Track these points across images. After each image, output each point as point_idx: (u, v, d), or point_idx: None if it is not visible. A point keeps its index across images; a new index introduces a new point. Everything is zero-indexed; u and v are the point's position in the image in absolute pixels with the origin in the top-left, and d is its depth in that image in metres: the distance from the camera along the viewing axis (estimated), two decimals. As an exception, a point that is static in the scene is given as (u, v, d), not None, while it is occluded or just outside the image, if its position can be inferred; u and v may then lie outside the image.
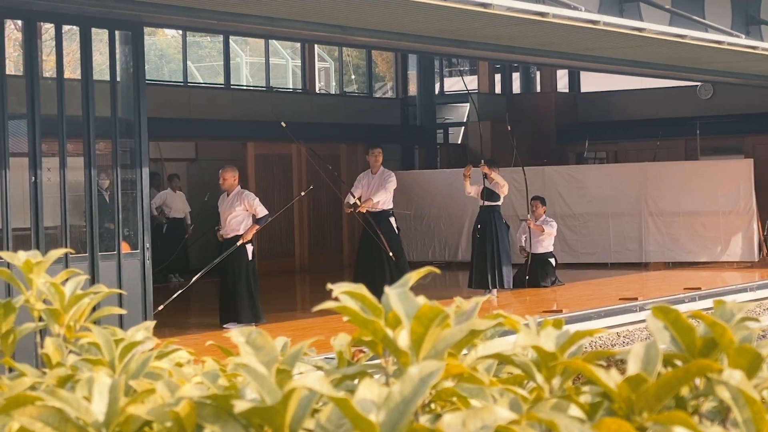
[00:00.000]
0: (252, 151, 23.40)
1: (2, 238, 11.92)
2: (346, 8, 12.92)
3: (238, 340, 1.64)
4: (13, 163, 12.03)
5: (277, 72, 30.96)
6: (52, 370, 2.12)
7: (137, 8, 12.30)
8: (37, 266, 2.36)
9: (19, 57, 25.43)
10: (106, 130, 12.91)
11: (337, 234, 25.01)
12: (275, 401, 1.45)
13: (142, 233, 13.03)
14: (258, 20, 13.30)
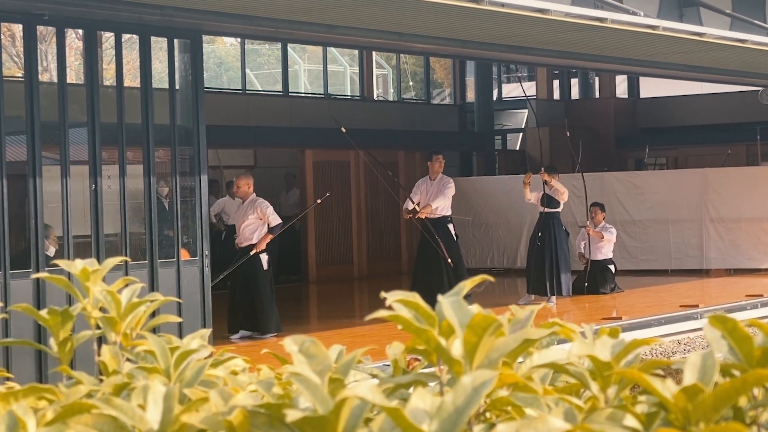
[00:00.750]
0: (310, 158, 23.45)
1: (63, 245, 12.02)
2: (403, 15, 12.92)
3: (291, 348, 1.64)
4: (74, 170, 12.13)
5: (335, 79, 31.03)
6: (108, 378, 2.13)
7: (197, 16, 12.38)
8: (94, 274, 2.37)
9: (80, 66, 25.68)
10: (165, 138, 12.99)
11: (396, 241, 25.01)
12: (327, 410, 1.44)
13: (201, 240, 13.09)
14: (316, 27, 13.34)
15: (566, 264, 17.97)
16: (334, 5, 12.22)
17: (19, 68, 27.21)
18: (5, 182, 11.47)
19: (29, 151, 11.71)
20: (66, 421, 1.67)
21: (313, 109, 25.42)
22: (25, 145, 12.03)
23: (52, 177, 12.00)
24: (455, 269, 16.36)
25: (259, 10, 12.57)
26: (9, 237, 11.59)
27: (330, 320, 16.68)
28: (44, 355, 11.39)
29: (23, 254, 12.22)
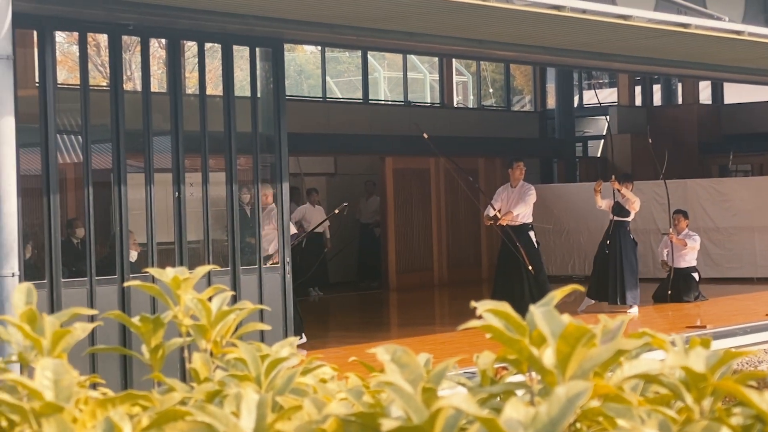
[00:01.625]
0: (390, 165, 23.48)
1: (146, 252, 12.15)
2: (484, 23, 12.91)
3: (383, 357, 1.65)
4: (157, 178, 12.26)
5: (415, 86, 31.06)
6: (199, 385, 2.15)
7: (278, 25, 12.46)
8: (185, 282, 2.40)
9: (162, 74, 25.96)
10: (247, 146, 13.08)
11: (476, 248, 24.96)
12: (422, 420, 1.45)
13: (283, 247, 13.16)
14: (397, 35, 13.37)
15: (632, 273, 17.82)
16: (415, 13, 12.23)
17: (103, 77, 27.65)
18: (91, 189, 11.63)
19: (114, 159, 11.85)
20: (161, 427, 1.69)
21: (393, 116, 25.46)
22: (109, 153, 12.18)
23: (136, 184, 12.14)
24: (536, 277, 16.29)
25: (340, 18, 12.63)
26: (94, 244, 11.74)
27: (410, 327, 16.68)
28: (129, 362, 11.52)
29: (107, 260, 12.37)
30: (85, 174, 11.62)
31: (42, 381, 1.73)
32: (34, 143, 11.55)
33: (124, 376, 11.46)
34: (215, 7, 11.79)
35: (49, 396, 1.71)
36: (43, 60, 11.29)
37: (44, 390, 1.72)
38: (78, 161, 15.54)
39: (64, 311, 2.12)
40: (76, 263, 12.64)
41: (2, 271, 9.97)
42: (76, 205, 16.04)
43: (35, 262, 12.21)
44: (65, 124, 12.95)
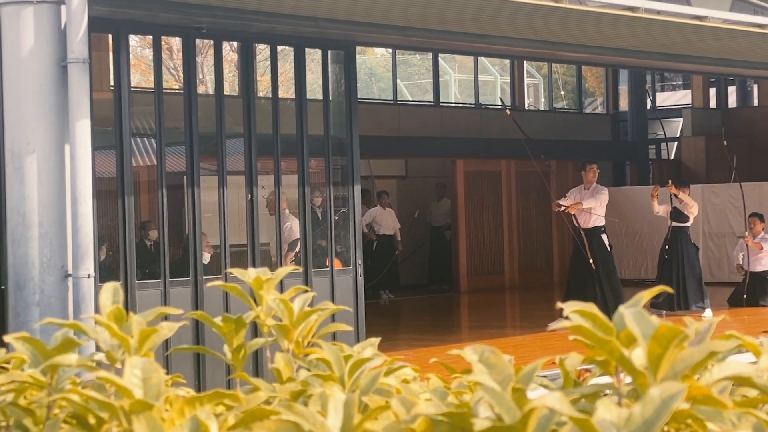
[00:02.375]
0: (461, 168, 23.45)
1: (219, 254, 12.23)
2: (558, 24, 12.85)
3: (471, 358, 1.64)
4: (230, 181, 12.34)
5: (486, 89, 31.00)
6: (283, 385, 2.16)
7: (350, 28, 12.49)
8: (267, 283, 2.40)
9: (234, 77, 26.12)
10: (319, 148, 13.11)
11: (547, 252, 24.84)
12: (514, 420, 1.44)
13: (354, 250, 13.18)
14: (469, 37, 13.34)
15: (695, 278, 17.63)
16: (487, 15, 12.21)
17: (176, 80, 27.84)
18: (165, 192, 11.72)
19: (188, 161, 11.94)
20: (248, 426, 1.69)
21: (463, 119, 25.43)
22: (181, 155, 12.28)
23: (208, 187, 12.22)
24: (609, 280, 16.19)
25: (412, 21, 12.63)
26: (168, 246, 11.84)
27: (481, 330, 16.64)
28: (203, 362, 11.60)
29: (180, 262, 12.47)
30: (159, 177, 11.72)
31: (131, 379, 1.74)
32: (108, 146, 11.67)
33: (197, 376, 11.55)
34: (288, 10, 11.85)
35: (139, 394, 1.72)
36: (118, 63, 11.41)
37: (134, 388, 1.73)
38: (151, 164, 15.68)
39: (150, 310, 2.14)
40: (149, 265, 12.76)
41: (78, 273, 10.08)
42: (150, 207, 16.18)
43: (110, 264, 12.34)
44: (138, 126, 13.06)
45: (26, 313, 10.13)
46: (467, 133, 24.33)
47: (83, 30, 10.03)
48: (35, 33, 10.12)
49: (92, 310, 10.16)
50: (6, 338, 2.08)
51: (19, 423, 1.97)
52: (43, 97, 10.16)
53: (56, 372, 2.01)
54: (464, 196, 23.34)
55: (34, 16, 10.11)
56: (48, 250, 10.15)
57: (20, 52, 10.13)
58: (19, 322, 10.13)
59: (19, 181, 10.13)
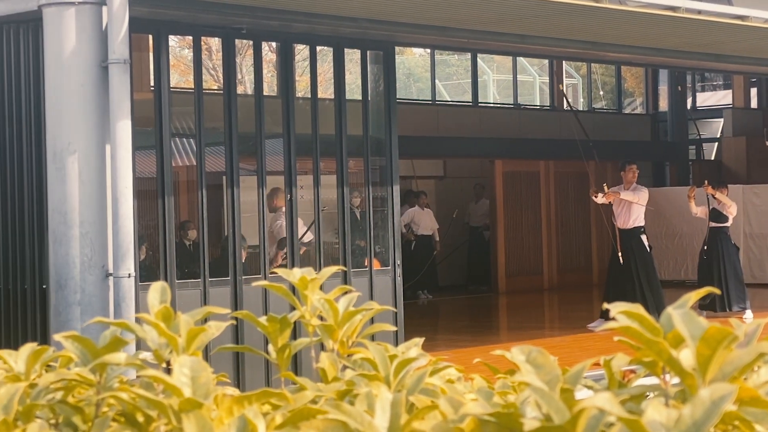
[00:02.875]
0: (500, 168, 23.41)
1: (258, 254, 12.26)
2: (599, 24, 12.81)
3: (518, 358, 1.64)
4: (270, 181, 12.37)
5: (524, 89, 30.94)
6: (328, 385, 2.16)
7: (390, 28, 12.50)
8: (312, 283, 2.41)
9: (272, 77, 26.17)
10: (358, 149, 13.12)
11: (586, 252, 24.76)
12: (563, 420, 1.44)
13: (393, 250, 13.18)
14: (509, 38, 13.32)
15: (737, 279, 17.53)
16: (529, 15, 12.18)
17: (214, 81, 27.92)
18: (204, 192, 11.77)
19: (227, 161, 11.98)
20: (296, 425, 1.70)
21: (502, 119, 25.38)
22: (219, 155, 12.33)
23: (247, 187, 12.25)
24: (648, 281, 16.12)
25: (452, 21, 12.62)
26: (207, 246, 11.89)
27: (520, 331, 16.61)
28: (243, 362, 11.65)
29: (219, 262, 12.51)
30: (198, 177, 11.76)
31: (180, 378, 1.75)
32: (148, 146, 11.73)
33: (237, 377, 11.59)
34: (328, 11, 11.86)
35: (188, 393, 1.73)
36: (159, 64, 11.46)
37: (183, 387, 1.74)
38: (189, 164, 15.75)
39: (197, 310, 2.15)
40: (189, 265, 12.81)
41: (118, 272, 10.14)
42: (189, 207, 16.25)
43: (149, 264, 12.40)
44: (177, 127, 13.12)
45: (67, 312, 10.20)
46: (506, 133, 24.29)
47: (124, 31, 10.09)
48: (77, 34, 10.19)
49: (132, 310, 10.22)
50: (55, 337, 2.10)
51: (68, 421, 1.98)
52: (84, 98, 10.23)
53: (105, 370, 2.03)
54: (503, 196, 23.30)
55: (76, 17, 10.18)
56: (89, 250, 10.21)
57: (62, 53, 10.20)
58: (60, 321, 10.20)
59: (61, 181, 10.20)
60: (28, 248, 10.87)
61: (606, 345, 14.31)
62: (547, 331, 17.27)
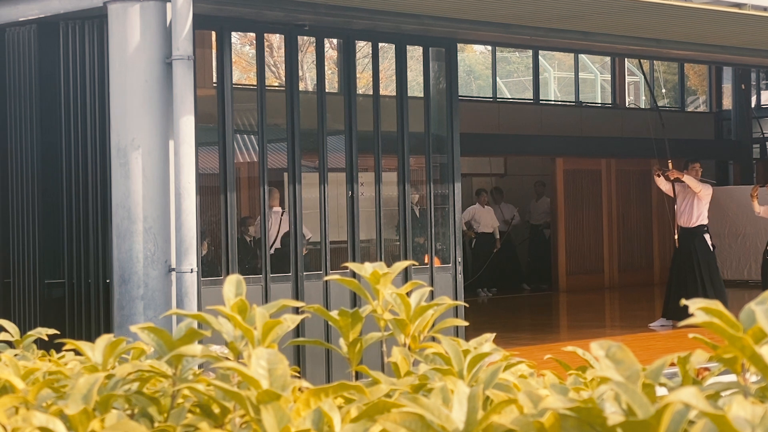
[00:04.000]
0: (561, 166, 23.31)
1: (320, 250, 12.29)
2: (663, 21, 12.71)
3: (597, 353, 1.63)
4: (330, 177, 12.39)
5: (586, 87, 30.77)
6: (401, 379, 2.16)
7: (452, 25, 12.48)
8: (384, 277, 2.41)
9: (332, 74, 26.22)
10: (419, 146, 13.11)
11: (648, 251, 24.59)
12: (647, 415, 1.42)
13: (454, 247, 13.16)
14: (572, 35, 13.26)
15: None
16: (593, 12, 12.12)
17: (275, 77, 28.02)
18: (266, 188, 11.82)
19: (289, 158, 12.01)
20: (372, 418, 1.70)
21: (563, 117, 25.25)
22: (279, 152, 12.37)
23: (307, 184, 12.28)
24: (711, 281, 15.98)
25: (515, 18, 12.58)
26: (269, 241, 11.94)
27: (580, 330, 16.53)
28: (303, 356, 11.69)
29: (279, 258, 12.56)
30: (261, 173, 11.81)
31: (257, 370, 1.76)
32: (210, 142, 11.79)
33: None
34: (390, 8, 11.87)
35: (265, 385, 1.74)
36: (221, 60, 11.51)
37: (260, 379, 1.74)
38: (250, 160, 15.81)
39: (272, 303, 2.16)
40: (249, 260, 12.86)
41: (181, 267, 10.20)
42: (249, 203, 16.32)
43: (211, 259, 12.47)
44: (237, 123, 13.17)
45: (131, 306, 10.28)
46: (567, 131, 24.17)
47: (188, 27, 10.15)
48: (141, 30, 10.26)
49: (194, 305, 10.29)
50: (132, 328, 2.12)
51: (144, 411, 2.00)
52: (148, 94, 10.30)
53: (180, 362, 2.04)
54: (564, 194, 23.20)
55: (140, 13, 10.25)
56: (152, 245, 10.28)
57: (126, 49, 10.28)
58: (123, 315, 10.28)
59: (125, 177, 10.28)
60: (93, 243, 10.96)
61: (667, 344, 14.21)
62: (608, 329, 17.17)
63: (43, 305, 11.17)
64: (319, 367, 11.76)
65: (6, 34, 11.44)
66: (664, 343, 14.22)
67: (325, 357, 11.85)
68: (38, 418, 1.67)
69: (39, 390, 2.00)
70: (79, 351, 2.30)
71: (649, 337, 14.86)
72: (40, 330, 2.89)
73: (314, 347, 11.66)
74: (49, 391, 2.09)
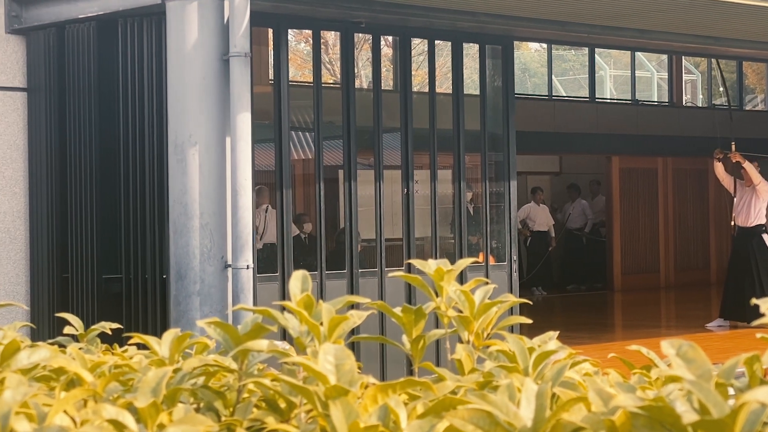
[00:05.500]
0: (617, 164, 23.18)
1: (375, 247, 12.30)
2: (721, 19, 12.61)
3: (668, 351, 1.62)
4: (386, 175, 12.40)
5: (642, 85, 30.57)
6: (466, 376, 2.16)
7: (510, 22, 12.45)
8: (448, 274, 2.41)
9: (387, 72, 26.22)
10: (475, 144, 13.08)
11: (704, 251, 24.40)
12: (722, 414, 1.41)
13: (509, 245, 13.12)
14: (629, 33, 13.18)
15: None
16: (651, 10, 12.04)
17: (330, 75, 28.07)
18: (322, 185, 11.84)
19: (345, 155, 12.03)
20: (438, 414, 1.70)
21: (619, 115, 25.09)
22: (333, 149, 12.39)
23: (363, 181, 12.29)
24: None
25: (572, 15, 12.53)
26: (325, 239, 11.96)
27: (636, 329, 16.43)
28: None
29: (334, 255, 12.58)
30: (317, 170, 11.84)
31: (324, 365, 1.76)
32: (266, 139, 11.83)
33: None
34: (447, 5, 11.86)
35: (333, 380, 1.74)
36: (278, 57, 11.55)
37: (328, 374, 1.74)
38: (305, 158, 15.85)
39: (338, 299, 2.16)
40: (304, 257, 12.89)
41: (237, 263, 10.23)
42: (304, 200, 16.36)
43: (266, 255, 12.51)
44: (293, 120, 13.22)
45: (187, 302, 10.33)
46: (623, 129, 24.02)
47: (245, 24, 10.18)
48: (199, 27, 10.31)
49: (250, 301, 10.33)
50: (199, 323, 2.13)
51: (209, 405, 2.01)
52: (205, 91, 10.34)
53: (246, 357, 2.04)
54: (619, 193, 23.08)
55: (198, 10, 10.30)
56: (208, 241, 10.32)
57: (184, 46, 10.33)
58: (180, 310, 10.33)
59: (182, 173, 10.33)
60: (149, 238, 11.03)
61: (724, 344, 14.10)
62: (663, 329, 17.05)
63: (101, 300, 11.26)
64: (373, 363, 11.77)
65: (66, 31, 11.54)
66: (722, 344, 14.11)
67: (380, 354, 11.86)
68: (108, 410, 1.68)
69: (107, 383, 2.01)
70: (146, 345, 2.32)
71: (706, 338, 14.74)
72: (104, 324, 2.91)
73: (368, 343, 11.67)
74: (116, 385, 2.10)
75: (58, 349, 2.30)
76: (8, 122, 11.76)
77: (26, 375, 2.07)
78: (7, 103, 11.74)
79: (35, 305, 11.65)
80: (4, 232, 11.77)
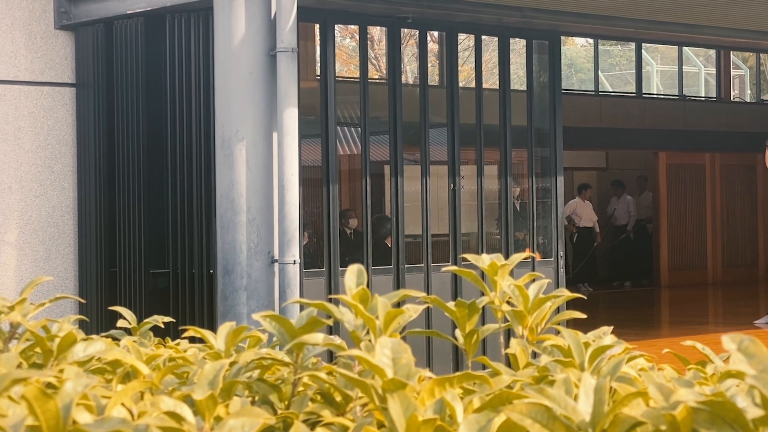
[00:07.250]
0: (664, 160, 23.05)
1: (421, 243, 12.29)
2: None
3: (729, 346, 1.61)
4: (432, 170, 12.39)
5: (689, 80, 30.36)
6: (521, 371, 2.15)
7: (556, 17, 12.40)
8: (502, 269, 2.40)
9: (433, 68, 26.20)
10: (521, 139, 13.05)
11: (752, 247, 24.22)
12: (787, 411, 1.40)
13: (556, 241, 13.08)
14: (676, 27, 13.10)
15: None
16: (697, 5, 11.96)
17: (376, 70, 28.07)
18: (369, 180, 11.84)
19: (391, 151, 12.03)
20: (495, 408, 1.69)
21: (666, 111, 24.94)
22: (378, 145, 12.39)
23: (409, 177, 12.28)
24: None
25: (618, 11, 12.47)
26: (371, 234, 11.96)
27: (683, 326, 16.34)
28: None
29: (379, 250, 12.57)
30: (363, 166, 11.84)
31: (382, 359, 1.76)
32: (312, 135, 11.85)
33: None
34: (493, 0, 11.83)
35: (390, 373, 1.74)
36: (325, 53, 11.57)
37: (385, 368, 1.74)
38: (350, 153, 15.87)
39: (393, 293, 2.16)
40: (349, 252, 12.90)
41: (284, 258, 10.25)
42: (350, 195, 16.37)
43: (313, 251, 12.53)
44: (339, 115, 13.24)
45: (234, 297, 10.36)
46: (670, 125, 23.88)
47: (292, 20, 10.19)
48: (246, 23, 10.33)
49: (297, 296, 10.34)
50: (254, 316, 2.13)
51: (265, 398, 2.01)
52: (252, 86, 10.36)
53: (302, 350, 2.05)
54: (666, 189, 22.95)
55: (246, 6, 10.32)
56: (255, 236, 10.34)
57: (231, 42, 10.36)
58: (227, 305, 10.36)
59: (229, 168, 10.35)
60: (197, 233, 11.08)
61: None
62: (711, 326, 16.95)
63: (148, 294, 11.32)
64: (419, 357, 11.76)
65: (114, 27, 11.61)
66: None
67: (425, 347, 11.84)
68: (166, 402, 1.69)
69: (164, 375, 2.02)
70: (198, 339, 2.33)
71: (754, 335, 14.63)
72: (157, 317, 2.92)
73: (413, 337, 11.67)
74: (172, 377, 2.11)
75: (112, 342, 2.31)
76: (57, 118, 11.85)
77: (82, 367, 2.09)
78: (56, 98, 11.83)
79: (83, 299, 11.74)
80: (53, 226, 11.86)
